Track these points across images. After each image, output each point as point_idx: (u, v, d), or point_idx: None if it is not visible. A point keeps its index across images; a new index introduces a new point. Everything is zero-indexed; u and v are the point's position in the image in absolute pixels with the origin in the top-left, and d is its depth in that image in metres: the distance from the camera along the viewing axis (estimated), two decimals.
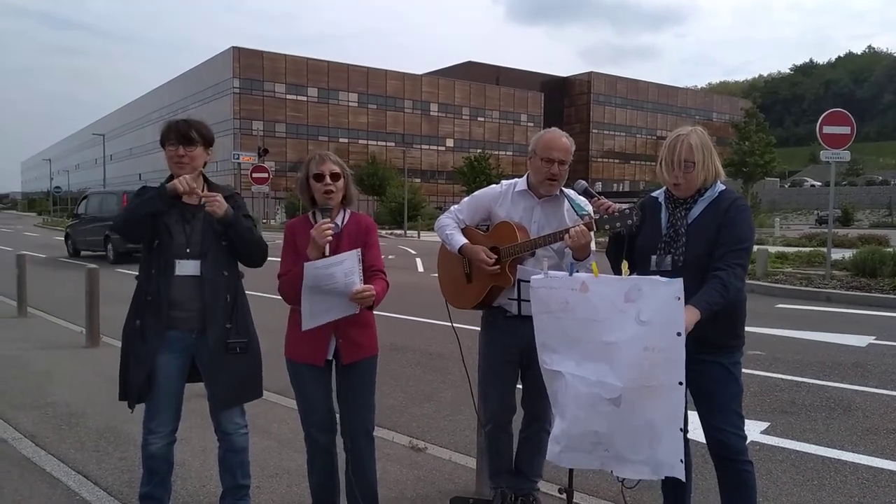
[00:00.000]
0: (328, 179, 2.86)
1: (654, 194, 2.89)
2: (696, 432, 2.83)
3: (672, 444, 2.37)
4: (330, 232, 2.76)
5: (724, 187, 2.73)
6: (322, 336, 2.89)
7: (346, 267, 2.72)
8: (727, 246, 2.58)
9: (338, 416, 3.04)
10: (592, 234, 2.81)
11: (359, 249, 2.80)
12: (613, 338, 2.41)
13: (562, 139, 3.08)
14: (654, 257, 2.68)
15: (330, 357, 2.94)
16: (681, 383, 2.30)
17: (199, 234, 2.89)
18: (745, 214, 2.65)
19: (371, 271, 2.87)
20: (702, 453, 2.93)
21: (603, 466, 2.59)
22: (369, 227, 2.99)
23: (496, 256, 3.04)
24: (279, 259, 2.98)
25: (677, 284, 2.27)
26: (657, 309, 2.31)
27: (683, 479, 2.40)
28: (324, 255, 2.76)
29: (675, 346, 2.29)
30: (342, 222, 2.95)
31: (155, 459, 2.96)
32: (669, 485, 2.83)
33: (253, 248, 3.00)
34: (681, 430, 2.36)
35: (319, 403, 2.98)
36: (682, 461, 2.36)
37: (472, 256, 3.10)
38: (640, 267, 2.71)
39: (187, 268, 2.86)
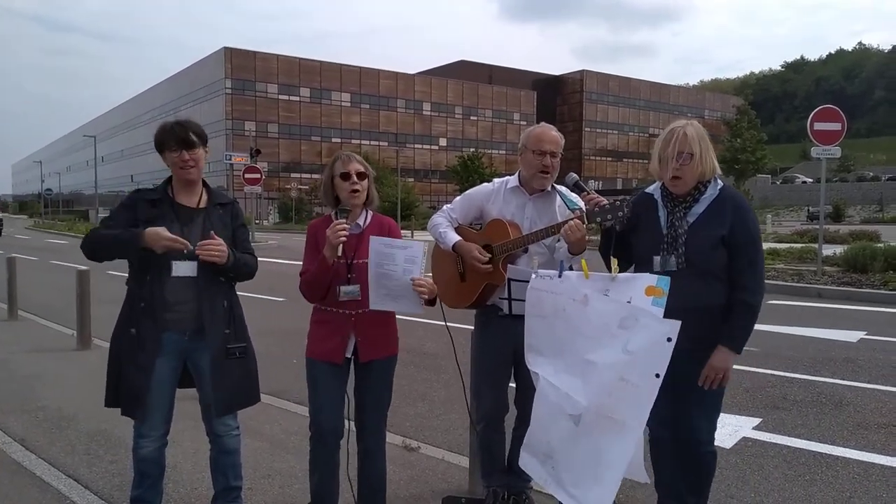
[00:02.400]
0: (355, 178, 2.89)
1: (648, 190, 2.85)
2: None
3: (608, 491, 2.34)
4: (344, 232, 2.76)
5: (722, 184, 2.71)
6: (343, 334, 2.90)
7: (409, 254, 2.77)
8: (745, 257, 2.61)
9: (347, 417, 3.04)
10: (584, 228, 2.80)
11: (425, 243, 2.83)
12: (595, 357, 2.40)
13: (551, 132, 3.10)
14: (657, 258, 2.66)
15: (349, 355, 2.93)
16: (642, 428, 2.28)
17: (197, 235, 2.86)
18: (751, 215, 2.69)
19: None
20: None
21: (545, 484, 2.61)
22: (392, 228, 3.01)
23: (489, 255, 3.04)
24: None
25: (672, 326, 2.23)
26: (645, 344, 2.28)
27: None
28: (338, 256, 2.78)
29: (649, 387, 2.25)
30: (364, 223, 2.96)
31: (146, 462, 2.94)
32: (663, 483, 2.85)
33: (245, 277, 3.02)
34: (620, 480, 2.34)
35: (331, 402, 2.96)
36: None
37: (465, 254, 3.10)
38: (641, 267, 2.70)
39: (184, 269, 2.84)
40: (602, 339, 2.39)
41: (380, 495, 3.10)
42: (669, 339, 2.23)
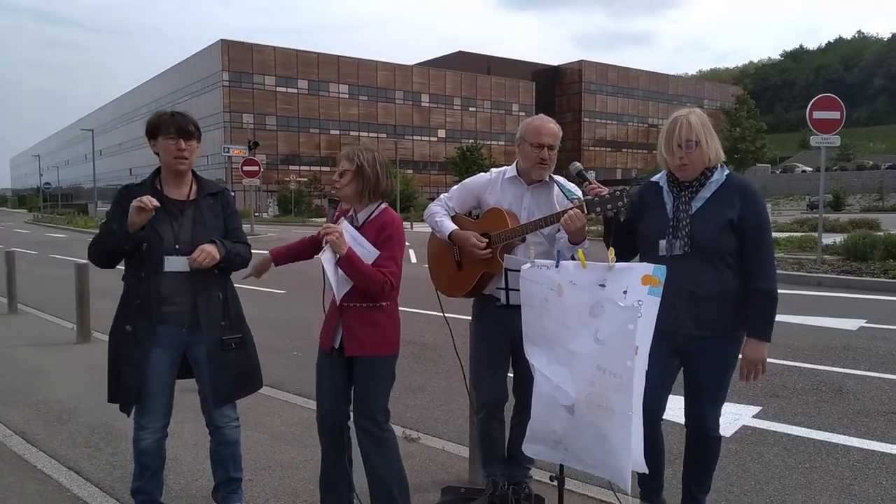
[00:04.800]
0: (336, 177, 2.90)
1: (653, 179, 2.87)
2: (680, 416, 2.84)
3: (624, 460, 2.32)
4: (331, 236, 2.75)
5: (728, 171, 2.72)
6: (331, 322, 2.92)
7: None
8: (757, 243, 2.62)
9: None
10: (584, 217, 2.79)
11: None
12: (575, 348, 2.40)
13: (550, 124, 3.08)
14: (662, 242, 2.67)
15: (336, 346, 2.92)
16: (632, 414, 2.27)
17: (188, 230, 2.85)
18: (761, 200, 2.69)
19: (375, 266, 2.80)
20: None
21: (565, 462, 2.62)
22: (383, 225, 2.86)
23: (487, 241, 3.03)
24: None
25: (631, 313, 2.23)
26: (612, 331, 2.28)
27: (628, 492, 2.41)
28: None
29: (625, 375, 2.24)
30: (368, 217, 2.89)
31: (146, 454, 2.94)
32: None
33: (238, 268, 3.00)
34: (631, 451, 2.33)
35: (323, 388, 2.97)
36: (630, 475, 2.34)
37: (463, 242, 3.09)
38: (647, 253, 2.72)
39: (176, 264, 2.82)
40: (578, 328, 2.40)
41: (387, 492, 2.95)
42: (631, 327, 2.23)
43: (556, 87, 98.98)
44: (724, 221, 2.60)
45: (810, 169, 65.34)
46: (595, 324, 2.33)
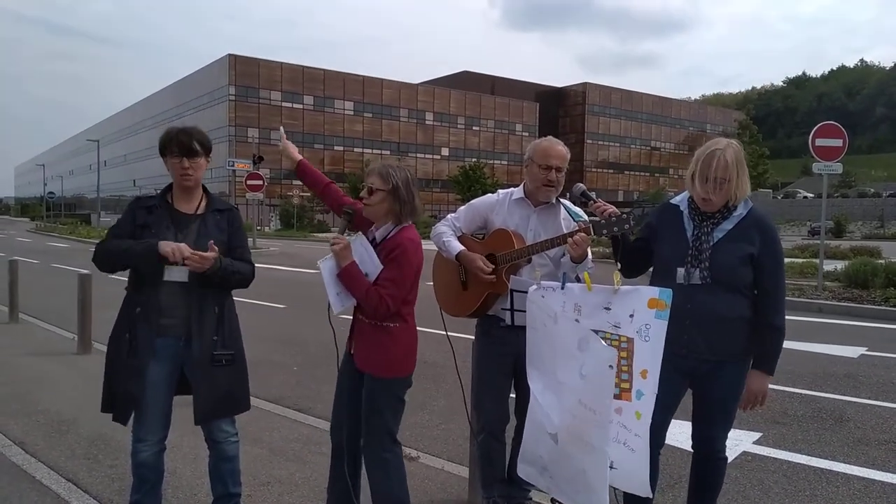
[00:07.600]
0: (364, 193, 2.89)
1: (674, 202, 2.88)
2: (681, 440, 2.84)
3: (601, 498, 2.34)
4: (337, 245, 2.81)
5: (751, 205, 2.75)
6: (351, 327, 2.97)
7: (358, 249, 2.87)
8: (773, 279, 2.67)
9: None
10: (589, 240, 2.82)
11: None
12: (563, 378, 2.43)
13: (558, 146, 3.12)
14: (680, 270, 2.68)
15: (352, 351, 2.96)
16: (609, 451, 2.29)
17: (191, 242, 2.86)
18: (778, 238, 2.74)
19: (376, 285, 2.80)
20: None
21: (550, 492, 2.63)
22: (394, 246, 2.82)
23: (493, 266, 3.05)
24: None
25: (611, 353, 2.25)
26: (594, 369, 2.29)
27: None
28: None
29: (604, 412, 2.26)
30: (386, 235, 2.88)
31: (145, 468, 2.94)
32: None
33: (237, 285, 3.00)
34: (610, 486, 2.37)
35: (337, 396, 3.04)
36: None
37: (469, 264, 3.11)
38: (662, 277, 2.72)
39: (176, 273, 2.84)
40: (566, 360, 2.42)
41: None
42: (611, 367, 2.24)
43: (559, 108, 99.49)
44: (745, 255, 2.63)
45: (812, 195, 65.42)
46: (581, 358, 2.35)
